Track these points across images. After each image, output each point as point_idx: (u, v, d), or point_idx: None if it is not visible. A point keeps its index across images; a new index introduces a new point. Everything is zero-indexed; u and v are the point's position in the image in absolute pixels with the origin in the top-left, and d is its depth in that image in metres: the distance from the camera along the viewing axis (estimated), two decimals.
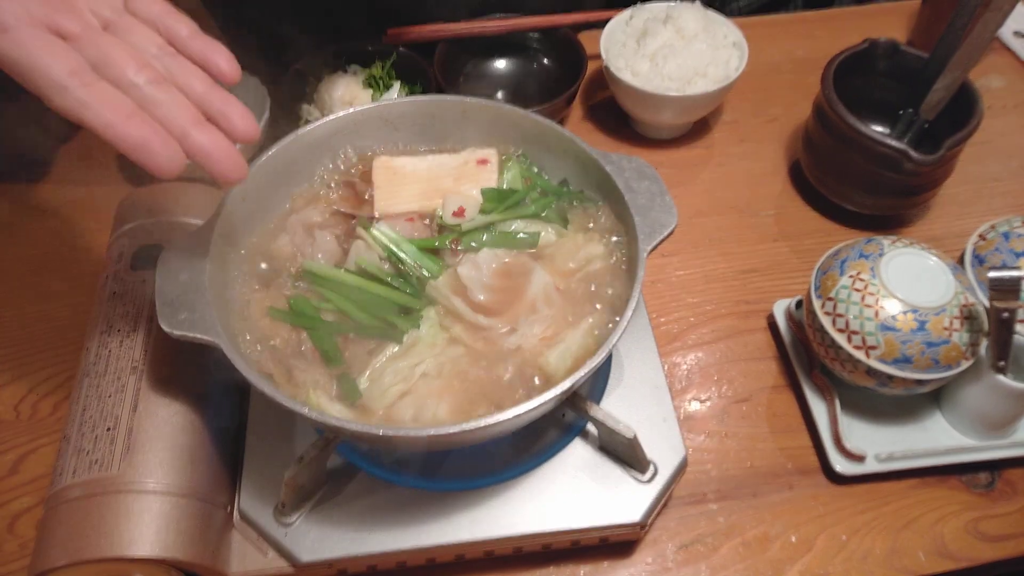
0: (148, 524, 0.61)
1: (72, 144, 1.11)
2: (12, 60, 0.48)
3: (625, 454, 0.70)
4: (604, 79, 1.09)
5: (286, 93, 1.07)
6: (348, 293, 0.68)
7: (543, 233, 0.72)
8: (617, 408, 0.74)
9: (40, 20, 0.50)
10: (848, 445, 0.77)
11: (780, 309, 0.89)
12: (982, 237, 0.87)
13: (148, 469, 0.64)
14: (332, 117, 0.76)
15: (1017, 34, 1.26)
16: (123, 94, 0.51)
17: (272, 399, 0.56)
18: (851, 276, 0.76)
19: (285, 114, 1.04)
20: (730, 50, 1.06)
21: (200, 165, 0.53)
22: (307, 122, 0.94)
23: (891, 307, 0.73)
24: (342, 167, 0.78)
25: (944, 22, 0.92)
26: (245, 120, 0.56)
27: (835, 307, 0.76)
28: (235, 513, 0.69)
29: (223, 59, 0.57)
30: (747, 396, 0.86)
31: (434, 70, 1.06)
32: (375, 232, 0.70)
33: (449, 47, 1.11)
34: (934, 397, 0.82)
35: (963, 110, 0.91)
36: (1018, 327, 0.72)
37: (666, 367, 0.85)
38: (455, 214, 0.73)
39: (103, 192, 1.05)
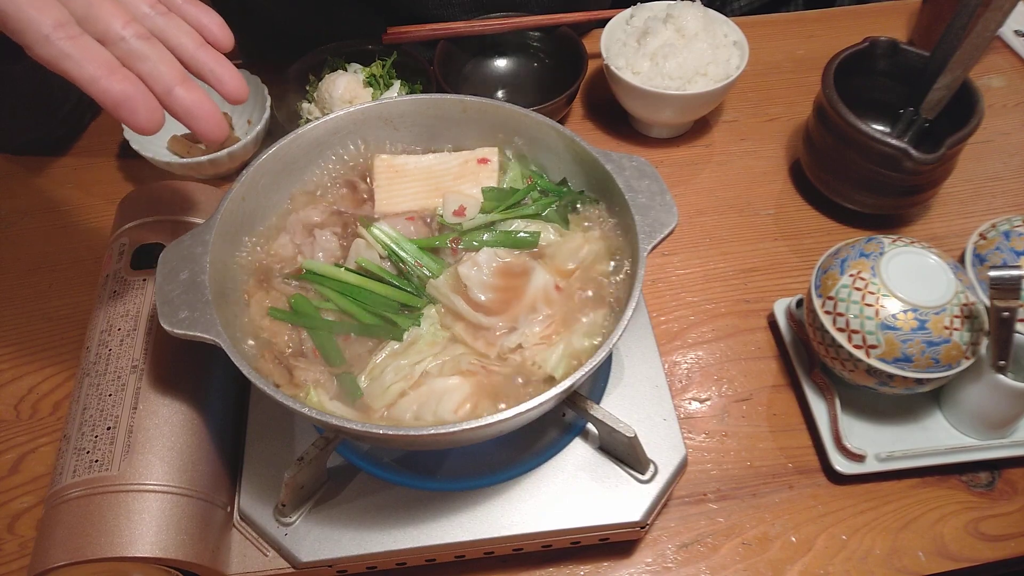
0: (148, 524, 0.61)
1: (73, 144, 1.11)
2: None
3: (625, 454, 0.70)
4: (604, 78, 1.08)
5: (286, 92, 1.07)
6: (349, 292, 0.68)
7: (543, 232, 0.72)
8: (617, 407, 0.74)
9: None
10: (848, 444, 0.77)
11: (780, 308, 0.89)
12: (983, 236, 0.87)
13: (148, 469, 0.64)
14: (332, 116, 0.76)
15: (1018, 33, 1.26)
16: (108, 50, 0.50)
17: (272, 398, 0.56)
18: (851, 275, 0.76)
19: (285, 113, 1.04)
20: (730, 49, 1.06)
21: (183, 123, 0.53)
22: (307, 121, 0.94)
23: (891, 306, 0.73)
24: (342, 166, 0.78)
25: (945, 21, 0.91)
26: (236, 80, 0.56)
27: (835, 306, 0.76)
28: (235, 513, 0.69)
29: (215, 24, 0.57)
30: (747, 395, 0.86)
31: (434, 69, 1.06)
32: (375, 231, 0.70)
33: (449, 46, 1.11)
34: (934, 396, 0.82)
35: (964, 109, 0.91)
36: (1019, 326, 0.72)
37: (666, 366, 0.85)
38: (455, 213, 0.73)
39: (103, 191, 1.05)
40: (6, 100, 0.96)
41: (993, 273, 0.69)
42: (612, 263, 0.71)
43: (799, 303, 0.88)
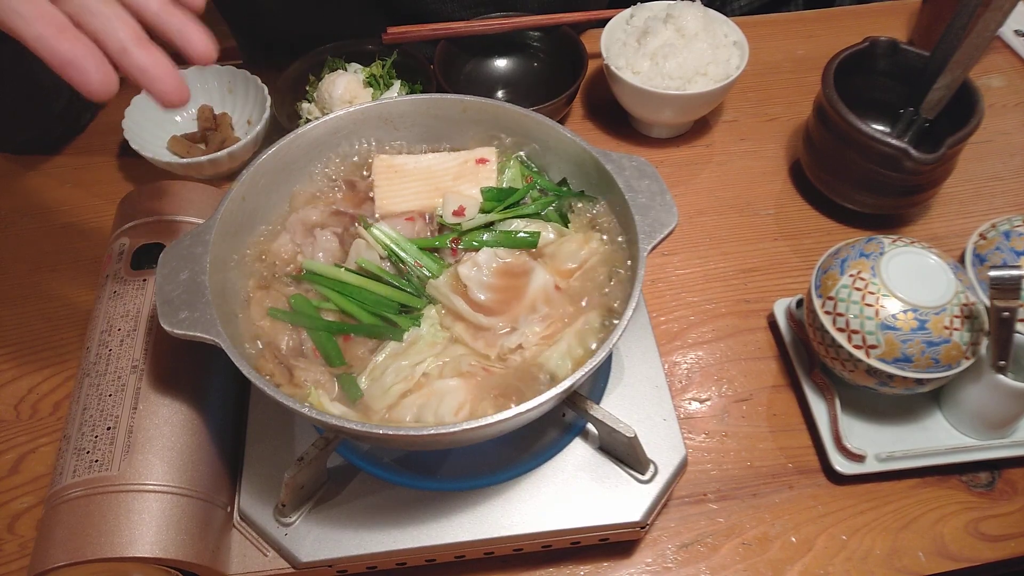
0: (148, 524, 0.61)
1: (72, 143, 1.11)
2: None
3: (625, 454, 0.70)
4: (604, 78, 1.08)
5: (286, 91, 1.07)
6: (349, 292, 0.68)
7: (543, 232, 0.72)
8: (617, 408, 0.74)
9: None
10: (848, 445, 0.77)
11: (780, 308, 0.89)
12: (983, 236, 0.87)
13: (148, 469, 0.64)
14: (332, 116, 0.76)
15: (1018, 33, 1.26)
16: (61, 7, 0.49)
17: (272, 399, 0.56)
18: (851, 275, 0.76)
19: (285, 113, 1.04)
20: (730, 49, 1.06)
21: (140, 84, 0.51)
22: (307, 121, 0.93)
23: (891, 306, 0.73)
24: (342, 166, 0.78)
25: (945, 21, 0.91)
26: (204, 41, 0.53)
27: (835, 306, 0.76)
28: (235, 513, 0.69)
29: None
30: (747, 395, 0.86)
31: (434, 69, 1.06)
32: (375, 231, 0.70)
33: (449, 46, 1.11)
34: (934, 396, 0.82)
35: (964, 109, 0.91)
36: (1019, 326, 0.72)
37: (666, 366, 0.85)
38: (455, 213, 0.73)
39: (103, 191, 1.05)
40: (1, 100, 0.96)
41: (993, 273, 0.69)
42: (612, 263, 0.71)
43: (799, 303, 0.88)
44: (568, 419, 0.74)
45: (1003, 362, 0.72)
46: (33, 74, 0.97)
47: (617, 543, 0.74)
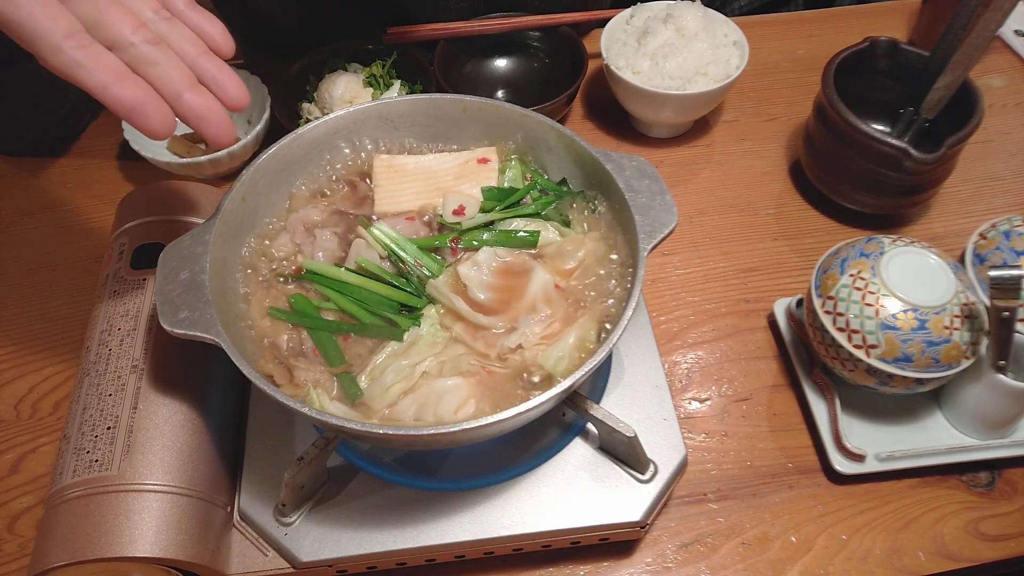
0: (148, 524, 0.61)
1: (73, 144, 1.11)
2: (10, 20, 0.48)
3: (625, 454, 0.70)
4: (604, 78, 1.08)
5: (286, 91, 1.07)
6: (349, 291, 0.68)
7: (543, 232, 0.72)
8: (617, 407, 0.74)
9: None
10: (848, 444, 0.77)
11: (780, 308, 0.89)
12: (983, 236, 0.87)
13: (148, 469, 0.64)
14: (332, 116, 0.76)
15: (1018, 33, 1.26)
16: (118, 57, 0.51)
17: (272, 398, 0.56)
18: (852, 275, 0.76)
19: (285, 113, 1.04)
20: (730, 49, 1.06)
21: (192, 127, 0.54)
22: (307, 121, 0.93)
23: (891, 306, 0.73)
24: (342, 166, 0.78)
25: (945, 21, 0.91)
26: (237, 87, 0.56)
27: (835, 306, 0.76)
28: (235, 513, 0.69)
29: (218, 31, 0.57)
30: (747, 395, 0.86)
31: (434, 69, 1.06)
32: (375, 231, 0.70)
33: (449, 46, 1.11)
34: (934, 396, 0.82)
35: (964, 109, 0.91)
36: (1019, 326, 0.72)
37: (666, 366, 0.85)
38: (455, 213, 0.73)
39: (103, 191, 1.05)
40: (3, 105, 0.96)
41: (993, 273, 0.69)
42: (612, 263, 0.71)
43: (799, 303, 0.88)
44: (568, 419, 0.74)
45: (1003, 362, 0.72)
46: (40, 79, 0.97)
47: (617, 543, 0.74)
